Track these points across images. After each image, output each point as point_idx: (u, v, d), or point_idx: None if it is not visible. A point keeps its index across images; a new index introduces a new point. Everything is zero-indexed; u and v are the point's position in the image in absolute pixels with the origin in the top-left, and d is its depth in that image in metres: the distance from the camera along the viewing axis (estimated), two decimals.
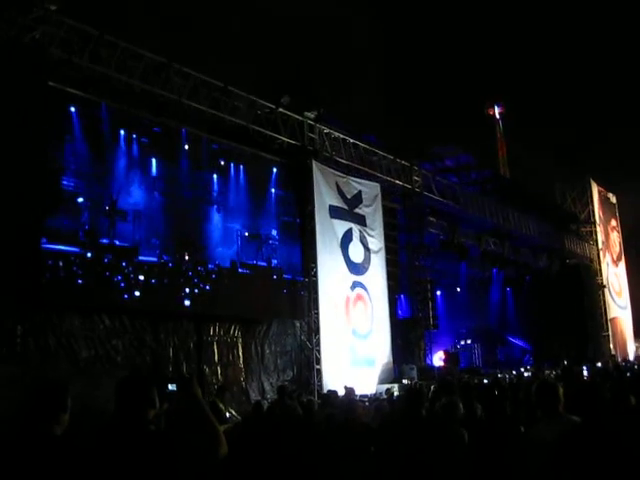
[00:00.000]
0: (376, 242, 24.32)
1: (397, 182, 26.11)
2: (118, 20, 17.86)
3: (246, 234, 20.96)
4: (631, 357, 39.59)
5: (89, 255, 16.52)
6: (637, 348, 43.38)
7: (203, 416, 3.72)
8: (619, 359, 37.42)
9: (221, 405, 12.88)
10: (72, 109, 16.55)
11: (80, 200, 16.81)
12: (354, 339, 22.41)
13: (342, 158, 23.41)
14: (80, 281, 16.20)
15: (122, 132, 17.89)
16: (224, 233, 20.41)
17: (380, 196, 24.85)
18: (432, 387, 13.78)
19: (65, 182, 16.57)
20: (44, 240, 15.33)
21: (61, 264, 15.90)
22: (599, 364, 30.05)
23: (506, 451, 6.11)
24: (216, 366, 19.72)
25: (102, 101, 16.81)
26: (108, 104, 16.93)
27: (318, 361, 21.06)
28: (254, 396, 19.78)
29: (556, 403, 5.45)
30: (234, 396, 19.02)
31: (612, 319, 42.00)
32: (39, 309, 15.25)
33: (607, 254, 44.31)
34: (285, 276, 21.83)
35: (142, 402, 3.72)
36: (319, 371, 20.94)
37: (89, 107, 16.70)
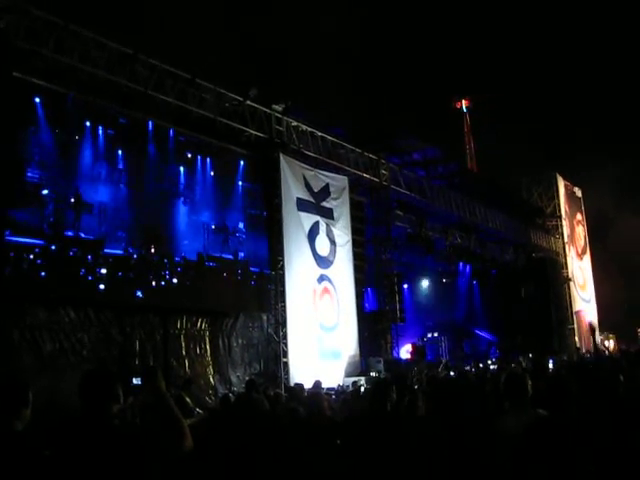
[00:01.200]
0: (343, 235, 24.35)
1: (364, 175, 26.13)
2: (83, 9, 17.62)
3: (213, 227, 20.89)
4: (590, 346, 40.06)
5: (53, 248, 16.35)
6: (602, 341, 43.83)
7: (167, 410, 3.69)
8: (583, 351, 37.89)
9: (187, 398, 12.84)
10: (37, 100, 16.34)
11: (45, 192, 16.62)
12: (321, 332, 22.45)
13: (310, 151, 23.36)
14: (44, 274, 16.03)
15: (88, 123, 17.70)
16: (191, 226, 20.32)
17: (347, 189, 24.88)
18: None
19: (30, 174, 16.36)
20: (7, 232, 15.14)
21: (25, 257, 15.73)
22: (564, 356, 30.38)
23: (473, 443, 6.14)
24: (183, 359, 19.66)
25: (67, 92, 16.59)
26: (73, 95, 16.73)
27: (285, 354, 21.05)
28: (221, 389, 19.77)
29: (524, 395, 5.48)
30: (201, 389, 19.00)
31: (576, 312, 42.48)
32: (2, 302, 15.06)
33: (572, 248, 44.76)
34: (252, 269, 21.80)
35: (106, 396, 3.68)
36: (286, 364, 20.93)
37: (54, 98, 16.45)
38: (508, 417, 5.51)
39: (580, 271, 45.52)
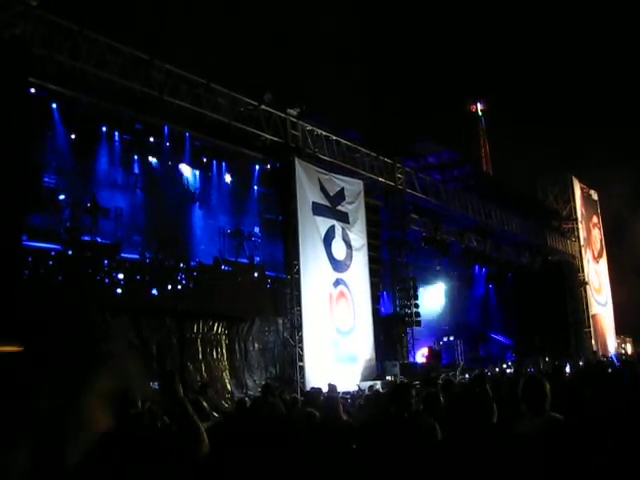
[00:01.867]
0: (358, 239, 24.32)
1: (380, 179, 26.12)
2: (98, 15, 17.73)
3: (229, 231, 20.97)
4: (611, 353, 39.79)
5: (70, 252, 16.46)
6: (618, 345, 43.64)
7: (185, 414, 3.71)
8: (600, 355, 37.66)
9: (204, 403, 12.85)
10: (53, 106, 16.48)
11: (62, 197, 16.78)
12: (337, 336, 22.42)
13: (325, 155, 23.36)
14: (61, 278, 16.13)
15: (104, 129, 17.83)
16: (206, 230, 20.43)
17: (363, 193, 24.84)
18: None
19: (47, 179, 16.52)
20: (25, 237, 15.22)
21: (42, 261, 15.83)
22: (581, 360, 30.22)
23: (488, 447, 6.12)
24: (200, 363, 19.71)
25: (83, 97, 16.67)
26: (90, 101, 16.81)
27: (301, 358, 21.04)
28: (237, 393, 19.78)
29: (542, 399, 5.44)
30: (218, 393, 19.02)
31: (593, 316, 42.24)
32: (20, 306, 15.10)
33: (588, 250, 44.52)
34: (268, 273, 21.83)
35: (122, 401, 3.70)
36: (302, 368, 20.92)
37: (70, 104, 16.59)
38: (525, 420, 5.48)
39: (596, 274, 45.24)
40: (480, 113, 61.91)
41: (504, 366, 28.59)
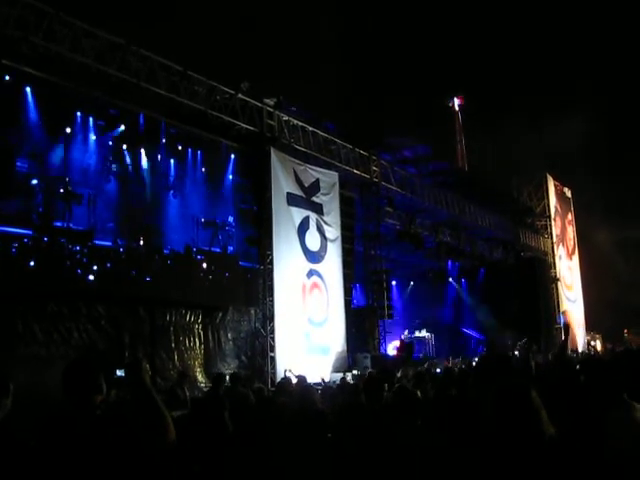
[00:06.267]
0: (333, 231, 24.31)
1: (355, 172, 26.11)
2: None
3: (202, 220, 20.87)
4: (580, 349, 40.17)
5: (42, 238, 16.28)
6: (589, 341, 44.01)
7: (150, 402, 3.67)
8: (569, 350, 37.92)
9: (179, 391, 12.81)
10: (27, 89, 16.29)
11: (34, 182, 16.58)
12: (310, 327, 22.41)
13: (301, 146, 23.31)
14: (33, 264, 15.94)
15: (78, 114, 17.67)
16: (180, 219, 20.33)
17: (338, 185, 24.82)
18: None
19: (19, 163, 16.33)
20: None
21: (13, 246, 15.65)
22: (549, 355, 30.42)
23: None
24: (172, 352, 19.65)
25: (58, 81, 16.45)
26: (64, 85, 16.60)
27: (272, 348, 21.02)
28: (210, 382, 19.74)
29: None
30: (190, 382, 18.98)
31: (563, 312, 42.55)
32: None
33: (562, 247, 44.86)
34: (241, 263, 21.75)
35: (88, 387, 3.67)
36: (273, 358, 20.90)
37: (45, 87, 16.35)
38: None
39: (569, 271, 45.64)
40: (457, 109, 62.07)
41: (474, 359, 28.68)
